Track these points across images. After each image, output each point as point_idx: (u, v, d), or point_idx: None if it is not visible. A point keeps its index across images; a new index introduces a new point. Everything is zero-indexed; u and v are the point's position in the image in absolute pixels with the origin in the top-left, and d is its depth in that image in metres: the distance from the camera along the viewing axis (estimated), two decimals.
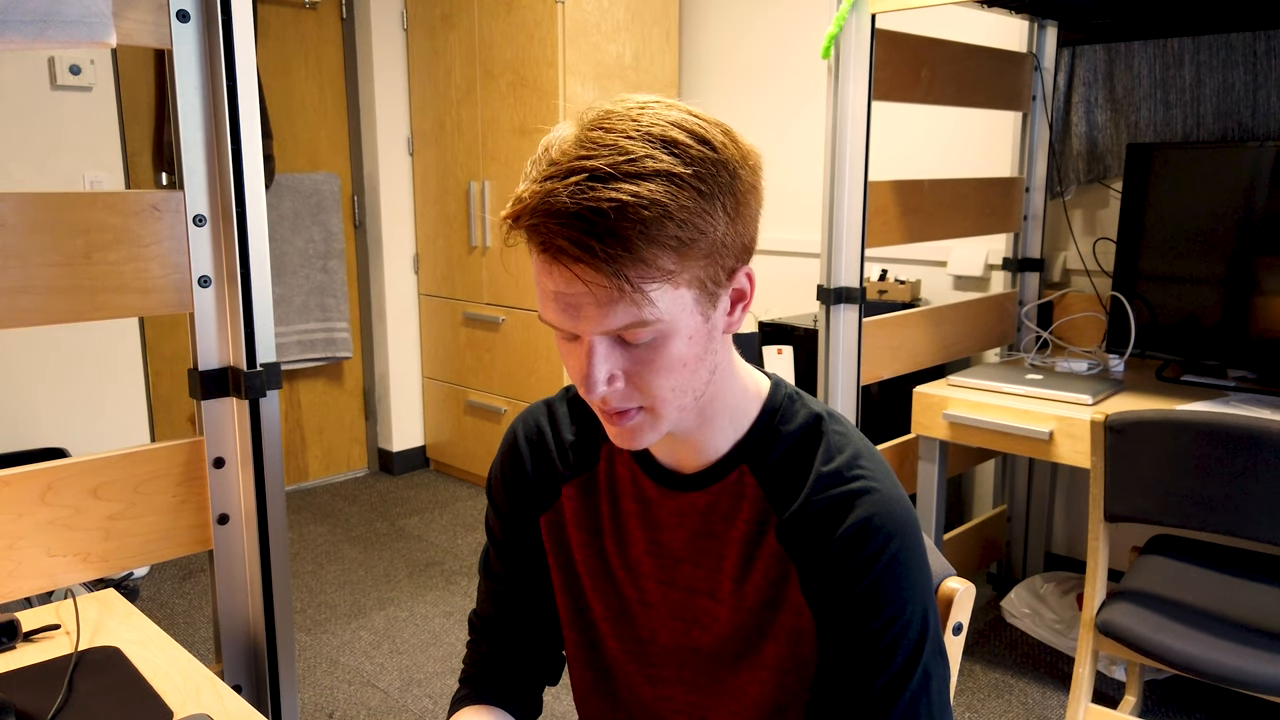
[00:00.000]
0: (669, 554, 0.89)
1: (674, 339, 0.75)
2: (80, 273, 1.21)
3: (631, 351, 0.75)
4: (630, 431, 0.79)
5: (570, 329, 0.74)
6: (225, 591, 1.37)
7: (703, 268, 0.74)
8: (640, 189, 0.69)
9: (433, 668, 2.48)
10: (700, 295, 0.75)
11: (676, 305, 0.73)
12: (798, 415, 0.86)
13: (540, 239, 0.71)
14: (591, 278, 0.70)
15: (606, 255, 0.69)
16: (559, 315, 0.74)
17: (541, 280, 0.74)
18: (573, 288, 0.72)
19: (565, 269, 0.71)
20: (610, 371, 0.76)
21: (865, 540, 0.80)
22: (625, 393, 0.77)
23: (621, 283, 0.70)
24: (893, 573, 0.80)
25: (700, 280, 0.74)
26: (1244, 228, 2.19)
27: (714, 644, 0.89)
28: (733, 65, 3.46)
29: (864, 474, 0.82)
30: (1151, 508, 1.69)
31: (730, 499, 0.86)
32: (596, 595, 0.94)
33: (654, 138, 0.71)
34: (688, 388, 0.78)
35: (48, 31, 1.13)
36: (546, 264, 0.72)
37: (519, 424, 0.99)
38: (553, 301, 0.74)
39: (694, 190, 0.71)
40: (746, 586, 0.85)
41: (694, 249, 0.72)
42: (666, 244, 0.70)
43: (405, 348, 4.02)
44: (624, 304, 0.71)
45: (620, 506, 0.92)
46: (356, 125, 3.86)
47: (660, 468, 0.89)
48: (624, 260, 0.69)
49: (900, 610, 0.80)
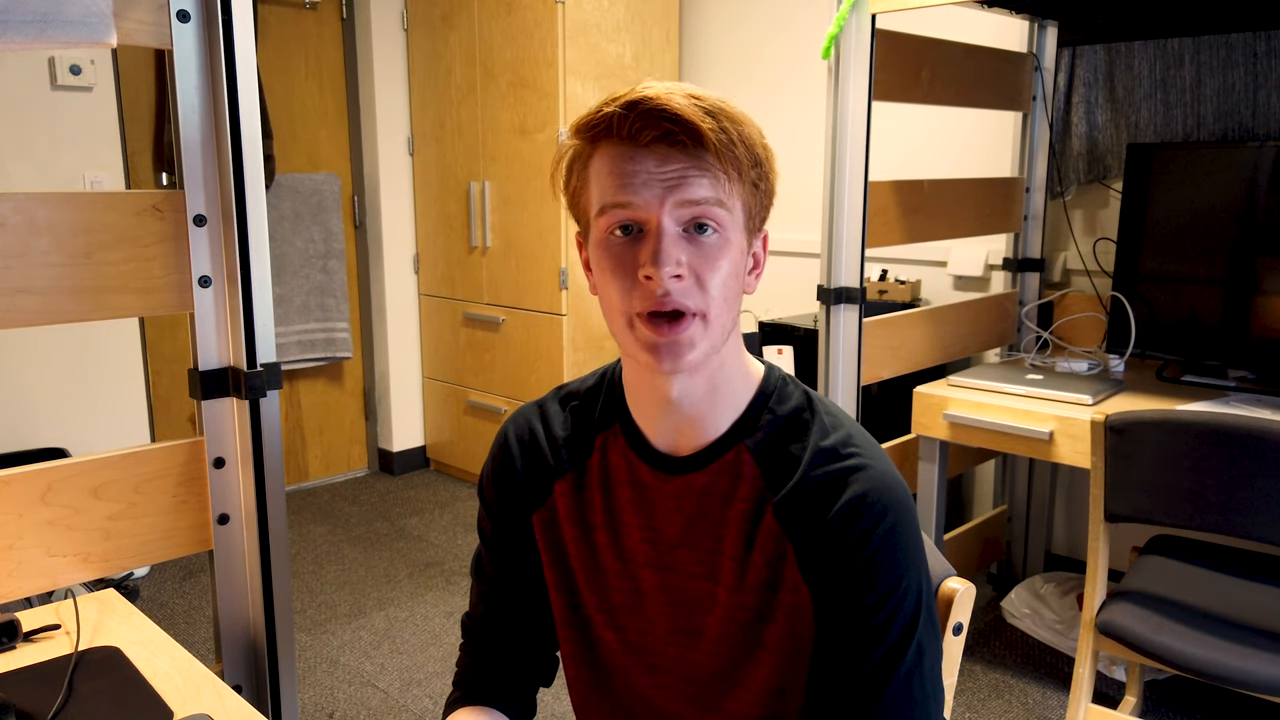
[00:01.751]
0: (664, 540, 0.90)
1: (730, 246, 0.81)
2: (80, 273, 1.21)
3: (696, 246, 0.79)
4: (683, 343, 0.79)
5: (648, 206, 0.78)
6: (225, 592, 1.37)
7: (755, 200, 0.83)
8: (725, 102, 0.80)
9: (433, 668, 2.48)
10: (747, 223, 0.83)
11: (737, 214, 0.81)
12: (791, 397, 0.89)
13: (645, 120, 0.77)
14: (692, 152, 0.78)
15: (715, 129, 0.77)
16: (639, 193, 0.78)
17: (620, 166, 0.79)
18: (667, 165, 0.78)
19: (658, 148, 0.78)
20: (678, 257, 0.78)
21: (860, 516, 0.81)
22: (686, 288, 0.79)
23: (719, 159, 0.78)
24: (888, 548, 0.81)
25: (749, 207, 0.82)
26: (1244, 228, 2.19)
27: (714, 626, 0.89)
28: (733, 65, 3.46)
29: (858, 451, 0.85)
30: (1152, 508, 1.69)
31: (728, 479, 0.87)
32: (591, 590, 0.94)
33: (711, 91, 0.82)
34: (731, 308, 0.82)
35: (48, 32, 1.13)
36: (634, 149, 0.78)
37: (510, 424, 0.99)
38: (634, 181, 0.78)
39: (755, 126, 0.82)
40: (747, 567, 0.86)
41: (753, 171, 0.81)
42: (746, 146, 0.80)
43: (405, 348, 4.02)
44: (710, 180, 0.78)
45: (614, 496, 0.92)
46: (356, 125, 3.86)
47: (656, 453, 0.89)
48: (725, 142, 0.78)
49: (895, 585, 0.81)
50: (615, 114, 0.78)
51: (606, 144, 0.80)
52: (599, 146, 0.81)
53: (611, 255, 0.80)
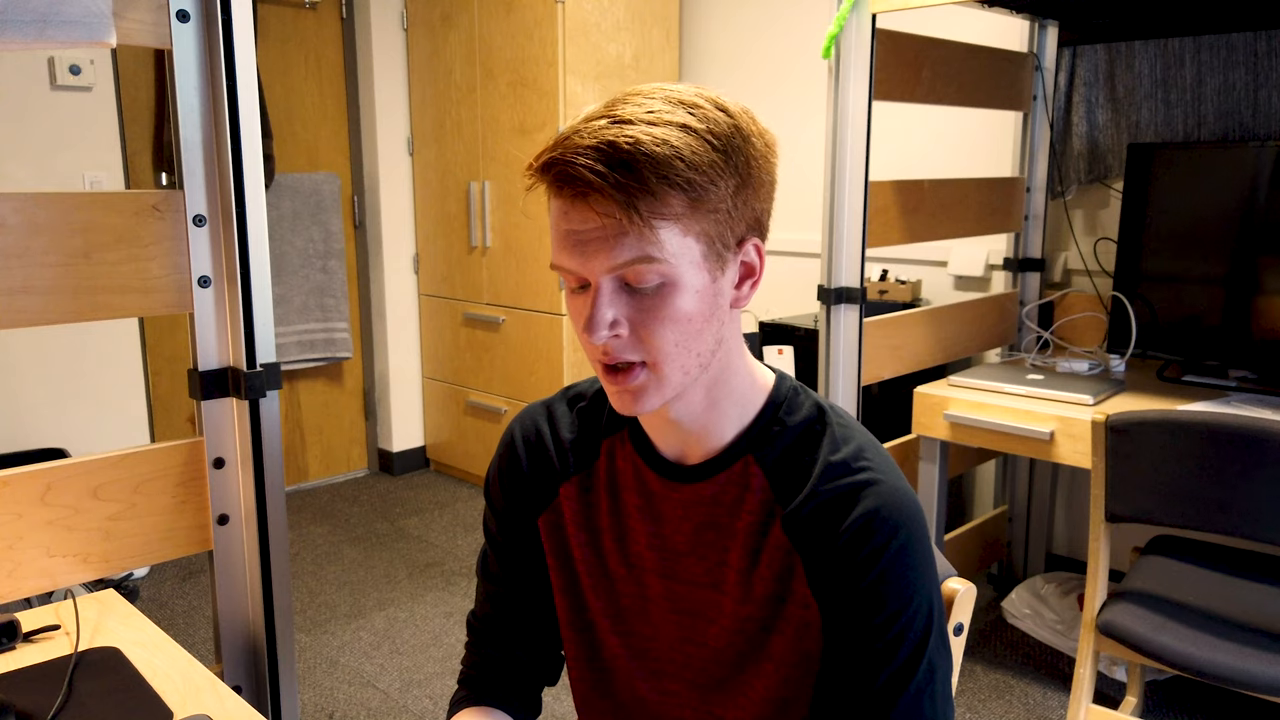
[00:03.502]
0: (671, 548, 0.89)
1: (680, 290, 0.76)
2: (80, 273, 1.21)
3: (637, 300, 0.76)
4: (632, 392, 0.79)
5: (579, 269, 0.76)
6: (225, 592, 1.37)
7: (711, 223, 0.76)
8: (655, 131, 0.73)
9: (433, 668, 2.47)
10: (708, 252, 0.77)
11: (684, 253, 0.75)
12: (802, 407, 0.87)
13: (558, 171, 0.74)
14: (604, 209, 0.73)
15: (618, 184, 0.72)
16: (570, 256, 0.76)
17: (558, 224, 0.77)
18: (586, 225, 0.74)
19: (580, 206, 0.74)
20: (615, 316, 0.76)
21: (872, 533, 0.80)
22: (628, 342, 0.77)
23: (631, 214, 0.73)
24: (900, 565, 0.80)
25: (709, 236, 0.76)
26: (1245, 228, 2.18)
27: (718, 638, 0.88)
28: (733, 65, 3.46)
29: (870, 466, 0.83)
30: (1152, 508, 1.69)
31: (736, 489, 0.86)
32: (596, 594, 0.94)
33: (675, 101, 0.76)
34: (691, 347, 0.78)
35: (48, 31, 1.13)
36: (563, 205, 0.76)
37: (516, 424, 0.98)
38: (565, 242, 0.76)
39: (707, 143, 0.75)
40: (753, 579, 0.85)
41: (704, 199, 0.75)
42: (676, 183, 0.73)
43: (405, 348, 4.02)
44: (632, 237, 0.74)
45: (621, 501, 0.91)
46: (356, 125, 3.86)
47: (664, 460, 0.89)
48: (634, 191, 0.72)
49: (906, 603, 0.80)
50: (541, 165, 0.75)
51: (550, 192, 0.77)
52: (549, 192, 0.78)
53: (571, 306, 0.80)
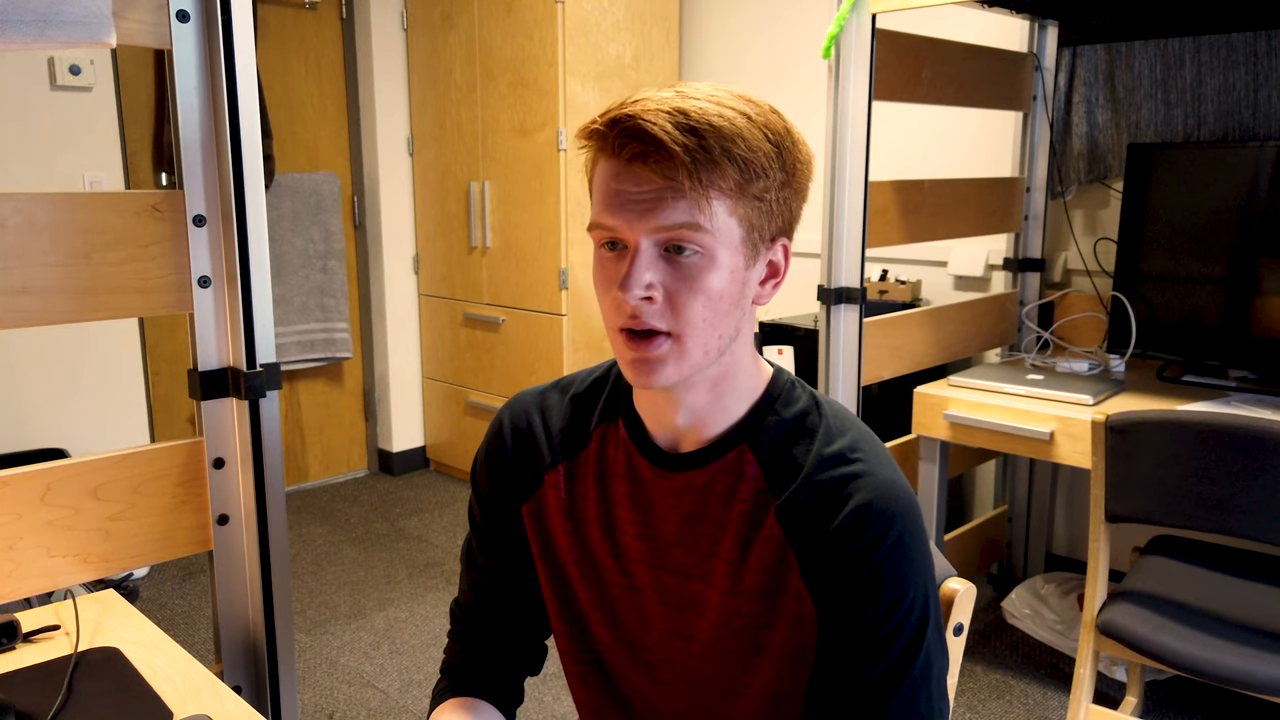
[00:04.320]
0: (659, 537, 0.89)
1: (716, 266, 0.78)
2: (80, 273, 1.21)
3: (674, 268, 0.78)
4: (653, 362, 0.79)
5: (624, 228, 0.77)
6: (225, 592, 1.37)
7: (755, 211, 0.79)
8: (722, 114, 0.77)
9: (433, 669, 2.47)
10: (746, 239, 0.79)
11: (727, 231, 0.78)
12: (798, 400, 0.88)
13: (626, 128, 0.76)
14: (666, 171, 0.75)
15: (685, 147, 0.74)
16: (618, 215, 0.77)
17: (607, 185, 0.78)
18: (641, 185, 0.76)
19: (638, 166, 0.76)
20: (651, 279, 0.77)
21: (867, 525, 0.80)
22: (657, 310, 0.78)
23: (694, 182, 0.75)
24: (895, 558, 0.80)
25: (750, 222, 0.79)
26: (1245, 228, 2.18)
27: (705, 632, 0.88)
28: (733, 65, 3.46)
29: (863, 457, 0.83)
30: (1152, 508, 1.69)
31: (728, 478, 0.86)
32: (584, 585, 0.93)
33: (735, 94, 0.80)
34: (717, 326, 0.79)
35: (48, 32, 1.13)
36: (617, 166, 0.77)
37: (506, 410, 0.98)
38: (614, 201, 0.77)
39: (764, 134, 0.78)
40: (744, 570, 0.85)
41: (753, 184, 0.78)
42: (735, 161, 0.76)
43: (405, 348, 4.02)
44: (686, 202, 0.76)
45: (610, 489, 0.91)
46: (356, 125, 3.86)
47: (657, 448, 0.88)
48: (699, 156, 0.75)
49: (902, 596, 0.80)
50: (599, 130, 0.78)
51: (600, 156, 0.80)
52: (598, 156, 0.81)
53: (600, 269, 0.81)
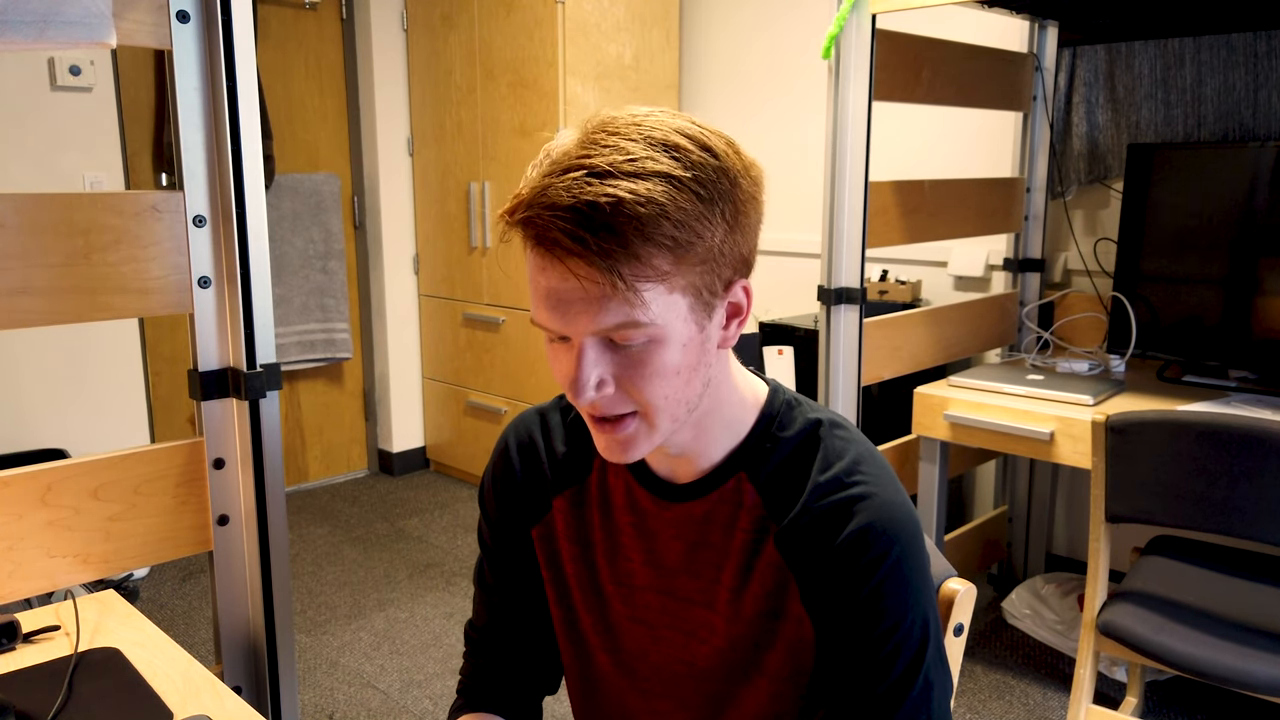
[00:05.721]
0: (665, 565, 0.88)
1: (666, 345, 0.74)
2: (80, 273, 1.21)
3: (622, 356, 0.74)
4: (622, 442, 0.77)
5: (560, 329, 0.73)
6: (225, 593, 1.37)
7: (698, 275, 0.73)
8: (638, 186, 0.69)
9: (433, 669, 2.47)
10: (695, 303, 0.74)
11: (670, 310, 0.72)
12: (796, 421, 0.85)
13: (535, 232, 0.70)
14: (585, 273, 0.69)
15: (600, 249, 0.68)
16: (550, 315, 0.73)
17: (535, 279, 0.73)
18: (566, 284, 0.71)
19: (559, 265, 0.70)
20: (600, 376, 0.74)
21: (866, 547, 0.78)
22: (615, 399, 0.75)
23: (615, 279, 0.69)
24: (895, 579, 0.78)
25: (695, 288, 0.73)
26: (1245, 228, 2.18)
27: (710, 657, 0.87)
28: (733, 65, 3.46)
29: (863, 479, 0.81)
30: (1152, 508, 1.69)
31: (728, 508, 0.84)
32: (587, 610, 0.93)
33: (656, 141, 0.71)
34: (680, 398, 0.77)
35: (48, 32, 1.13)
36: (541, 261, 0.72)
37: (510, 431, 0.97)
38: (545, 300, 0.73)
39: (693, 193, 0.71)
40: (744, 597, 0.84)
41: (690, 253, 0.71)
42: (662, 243, 0.70)
43: (405, 348, 4.02)
44: (616, 302, 0.70)
45: (613, 519, 0.90)
46: (356, 126, 3.86)
47: (655, 478, 0.87)
48: (618, 256, 0.69)
49: (902, 617, 0.79)
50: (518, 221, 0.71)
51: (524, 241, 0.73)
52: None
53: (552, 357, 0.78)
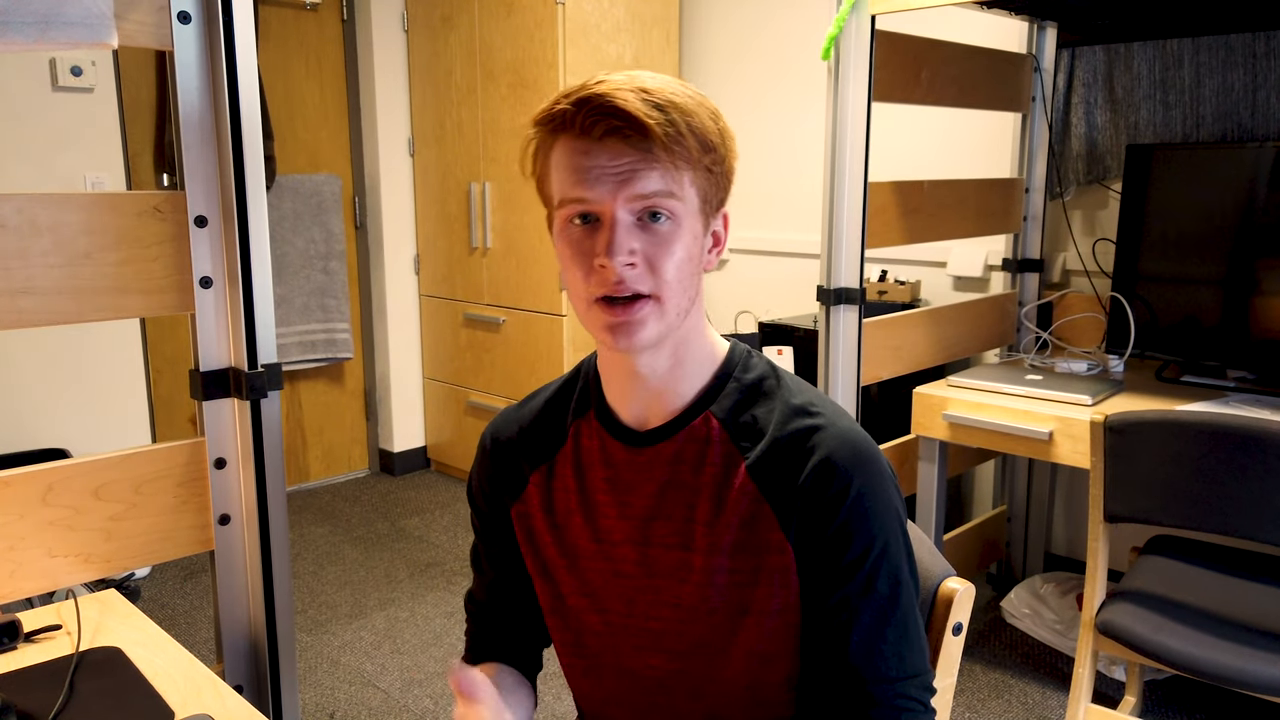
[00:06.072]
0: (638, 514, 0.92)
1: (683, 231, 0.84)
2: (81, 273, 1.21)
3: (649, 234, 0.83)
4: (635, 324, 0.83)
5: (602, 200, 0.81)
6: (226, 592, 1.37)
7: (708, 182, 0.85)
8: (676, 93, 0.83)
9: (434, 668, 2.48)
10: (703, 207, 0.86)
11: (690, 199, 0.84)
12: (755, 366, 0.94)
13: (596, 107, 0.80)
14: (640, 146, 0.80)
15: (660, 125, 0.80)
16: (592, 188, 0.81)
17: (577, 163, 0.82)
18: (618, 160, 0.81)
19: (611, 142, 0.81)
20: (631, 245, 0.82)
21: (830, 479, 0.85)
22: (639, 274, 0.82)
23: (667, 153, 0.80)
24: (860, 508, 0.85)
25: (705, 192, 0.85)
26: (1243, 228, 2.19)
27: (691, 595, 0.91)
28: (733, 66, 3.46)
29: (822, 410, 0.89)
30: (1151, 508, 1.69)
31: (696, 445, 0.90)
32: (570, 575, 0.97)
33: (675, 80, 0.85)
34: (686, 289, 0.85)
35: (49, 33, 1.13)
36: (585, 143, 0.81)
37: (489, 427, 1.04)
38: (587, 177, 0.81)
39: (708, 113, 0.85)
40: (718, 528, 0.89)
41: (707, 157, 0.84)
42: (695, 135, 0.82)
43: (406, 348, 4.03)
44: (659, 173, 0.81)
45: (587, 478, 0.95)
46: (357, 126, 3.86)
47: (626, 429, 0.93)
48: (670, 134, 0.80)
49: (871, 542, 0.85)
50: (567, 110, 0.81)
51: (564, 137, 0.83)
52: (558, 139, 0.84)
53: (571, 243, 0.85)
